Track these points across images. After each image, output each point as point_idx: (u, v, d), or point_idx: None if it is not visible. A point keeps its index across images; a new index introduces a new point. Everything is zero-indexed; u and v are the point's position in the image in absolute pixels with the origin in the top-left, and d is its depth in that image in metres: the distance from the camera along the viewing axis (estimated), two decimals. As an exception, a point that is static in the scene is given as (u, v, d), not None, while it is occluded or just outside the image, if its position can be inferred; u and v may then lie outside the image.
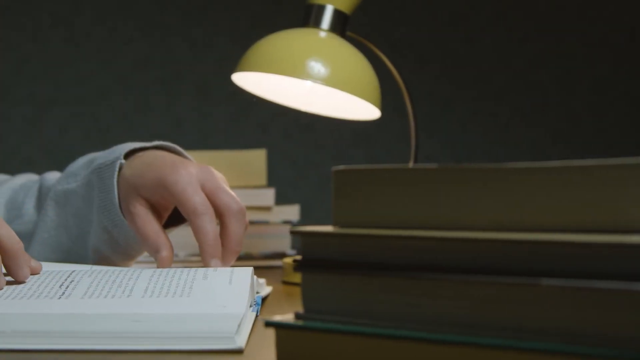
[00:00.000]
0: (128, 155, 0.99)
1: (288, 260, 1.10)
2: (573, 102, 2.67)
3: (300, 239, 0.58)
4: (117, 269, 0.84)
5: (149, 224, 0.95)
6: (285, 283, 1.09)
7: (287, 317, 0.58)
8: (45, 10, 2.41)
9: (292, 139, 2.50)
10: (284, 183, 2.33)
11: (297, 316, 0.58)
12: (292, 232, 0.58)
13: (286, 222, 1.34)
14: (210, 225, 0.92)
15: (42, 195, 1.06)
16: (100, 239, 1.00)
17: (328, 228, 0.57)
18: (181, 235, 1.33)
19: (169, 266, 0.93)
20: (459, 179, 0.54)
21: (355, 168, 0.57)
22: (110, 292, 0.74)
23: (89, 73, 2.43)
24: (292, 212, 1.35)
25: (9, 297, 0.74)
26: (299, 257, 0.58)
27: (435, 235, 0.52)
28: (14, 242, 0.78)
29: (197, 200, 0.92)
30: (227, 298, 0.73)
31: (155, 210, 0.96)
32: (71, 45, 2.42)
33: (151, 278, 0.79)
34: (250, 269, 0.83)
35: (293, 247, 1.36)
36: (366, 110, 1.11)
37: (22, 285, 0.77)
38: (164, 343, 0.66)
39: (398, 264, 0.54)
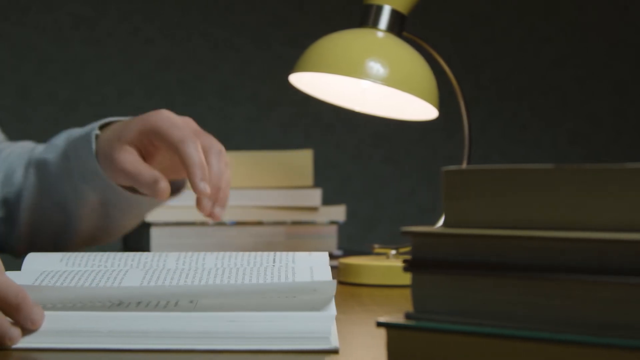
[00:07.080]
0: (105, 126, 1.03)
1: (345, 260, 1.10)
2: (593, 102, 2.67)
3: (412, 240, 0.58)
4: (184, 270, 0.82)
5: (139, 162, 0.96)
6: (342, 283, 1.08)
7: (398, 318, 0.58)
8: (67, 11, 2.40)
9: (313, 140, 2.49)
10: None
11: (408, 316, 0.58)
12: (403, 233, 0.58)
13: (332, 223, 1.34)
14: (197, 153, 0.92)
15: (29, 164, 1.10)
16: (89, 210, 1.05)
17: (440, 228, 0.57)
18: (224, 235, 1.33)
19: (167, 197, 0.95)
20: (578, 179, 0.54)
21: (466, 168, 0.57)
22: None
23: (111, 74, 2.43)
24: (338, 212, 1.34)
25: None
26: (408, 257, 0.58)
27: (561, 236, 0.52)
28: (13, 293, 0.66)
29: (183, 131, 0.94)
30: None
31: (141, 155, 0.98)
32: (93, 45, 2.42)
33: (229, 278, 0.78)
34: (326, 255, 0.83)
35: (339, 247, 1.36)
36: (422, 110, 1.12)
37: None
38: (259, 343, 0.66)
39: (517, 264, 0.54)
